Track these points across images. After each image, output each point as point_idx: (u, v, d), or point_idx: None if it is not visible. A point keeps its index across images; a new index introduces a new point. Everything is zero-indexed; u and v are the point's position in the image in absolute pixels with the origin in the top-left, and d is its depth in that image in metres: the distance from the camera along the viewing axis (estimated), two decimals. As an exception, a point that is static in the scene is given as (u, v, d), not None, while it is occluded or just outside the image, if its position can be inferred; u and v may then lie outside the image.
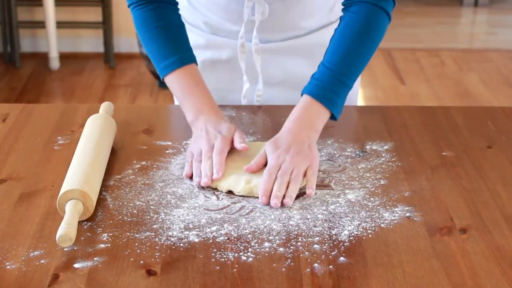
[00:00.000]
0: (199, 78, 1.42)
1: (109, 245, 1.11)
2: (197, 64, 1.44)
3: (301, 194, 1.25)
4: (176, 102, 1.72)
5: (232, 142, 1.32)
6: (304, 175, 1.25)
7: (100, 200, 1.23)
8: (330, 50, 1.36)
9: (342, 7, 1.42)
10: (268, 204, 1.21)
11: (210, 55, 1.63)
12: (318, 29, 1.59)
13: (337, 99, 1.34)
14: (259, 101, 1.62)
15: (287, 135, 1.30)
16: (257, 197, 1.23)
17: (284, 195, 1.22)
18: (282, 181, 1.23)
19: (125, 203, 1.22)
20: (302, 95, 1.35)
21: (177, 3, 1.48)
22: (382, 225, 1.17)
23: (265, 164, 1.28)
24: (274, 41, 1.59)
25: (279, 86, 1.63)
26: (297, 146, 1.27)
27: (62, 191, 1.17)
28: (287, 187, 1.23)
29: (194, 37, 1.62)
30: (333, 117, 1.35)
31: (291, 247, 1.11)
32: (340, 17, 1.40)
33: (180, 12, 1.64)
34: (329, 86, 1.33)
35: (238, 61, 1.59)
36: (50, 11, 4.28)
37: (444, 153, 1.41)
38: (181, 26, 1.47)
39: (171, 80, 1.42)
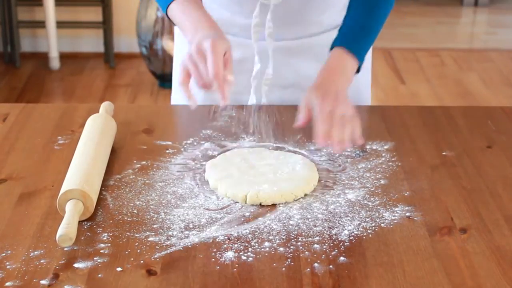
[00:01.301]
0: (199, 4, 1.41)
1: (109, 245, 1.11)
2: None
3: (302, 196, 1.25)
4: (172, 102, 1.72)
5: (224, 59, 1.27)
6: None
7: (100, 200, 1.23)
8: (354, 5, 1.47)
9: None
10: (324, 145, 1.28)
11: None
12: (332, 29, 1.58)
13: (363, 49, 1.44)
14: (266, 84, 1.60)
15: (328, 83, 1.36)
16: (263, 205, 1.23)
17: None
18: (335, 125, 1.27)
19: (125, 203, 1.22)
20: (332, 47, 1.43)
21: None
22: (382, 225, 1.17)
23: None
24: (288, 38, 1.58)
25: (291, 88, 1.62)
26: (338, 92, 1.34)
27: (62, 191, 1.17)
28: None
29: None
30: (358, 67, 1.44)
31: (291, 247, 1.11)
32: None
33: None
34: (356, 38, 1.44)
35: (250, 62, 1.58)
36: (50, 11, 4.28)
37: (444, 153, 1.41)
38: None
39: (172, 9, 1.40)
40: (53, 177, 1.30)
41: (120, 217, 1.18)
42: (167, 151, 1.40)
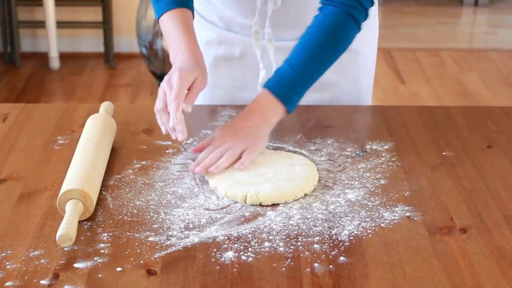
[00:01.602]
0: (187, 21, 1.43)
1: (109, 245, 1.11)
2: (193, 13, 1.45)
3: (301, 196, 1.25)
4: None
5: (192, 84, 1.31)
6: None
7: (100, 200, 1.23)
8: (297, 48, 1.40)
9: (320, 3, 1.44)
10: (192, 171, 1.30)
11: (223, 51, 1.63)
12: None
13: (294, 97, 1.38)
14: None
15: (239, 121, 1.36)
16: (262, 205, 1.23)
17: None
18: (214, 153, 1.31)
19: (125, 203, 1.22)
20: (263, 87, 1.39)
21: None
22: (382, 224, 1.17)
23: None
24: (290, 39, 1.58)
25: None
26: (244, 131, 1.34)
27: (62, 191, 1.17)
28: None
29: (208, 33, 1.64)
30: (287, 112, 1.39)
31: (291, 247, 1.11)
32: (314, 17, 1.42)
33: (196, 7, 1.65)
34: (288, 85, 1.37)
35: (250, 57, 1.60)
36: (50, 11, 4.28)
37: (444, 153, 1.41)
38: None
39: (163, 20, 1.43)
40: (53, 177, 1.30)
41: (120, 217, 1.18)
42: (167, 151, 1.40)
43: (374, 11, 1.65)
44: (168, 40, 1.43)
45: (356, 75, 1.65)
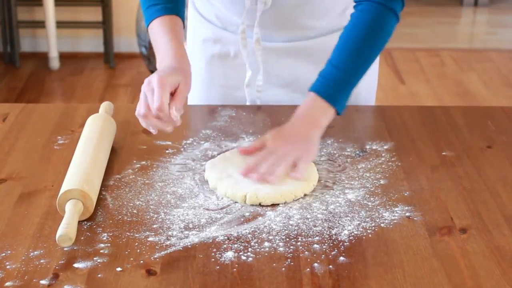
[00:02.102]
0: (176, 28, 1.43)
1: (109, 245, 1.11)
2: (183, 21, 1.45)
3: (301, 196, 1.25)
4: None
5: (173, 94, 1.29)
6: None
7: (100, 200, 1.23)
8: (338, 48, 1.38)
9: (354, 2, 1.42)
10: (245, 176, 1.26)
11: (218, 49, 1.63)
12: (327, 34, 1.58)
13: (341, 96, 1.35)
14: (259, 91, 1.61)
15: (290, 128, 1.33)
16: (262, 205, 1.23)
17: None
18: (268, 161, 1.27)
19: (125, 203, 1.22)
20: (310, 89, 1.37)
21: None
22: (382, 225, 1.17)
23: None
24: (280, 41, 1.58)
25: (284, 88, 1.63)
26: (296, 137, 1.31)
27: (62, 191, 1.17)
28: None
29: (205, 31, 1.64)
30: (337, 113, 1.37)
31: (291, 247, 1.11)
32: (350, 15, 1.41)
33: (197, 5, 1.67)
34: (334, 85, 1.35)
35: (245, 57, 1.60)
36: (50, 11, 4.28)
37: (444, 153, 1.41)
38: None
39: (152, 27, 1.43)
40: (53, 177, 1.30)
41: (120, 217, 1.18)
42: (167, 151, 1.40)
43: None
44: (155, 45, 1.42)
45: None
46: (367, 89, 1.70)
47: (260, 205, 1.22)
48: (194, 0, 1.67)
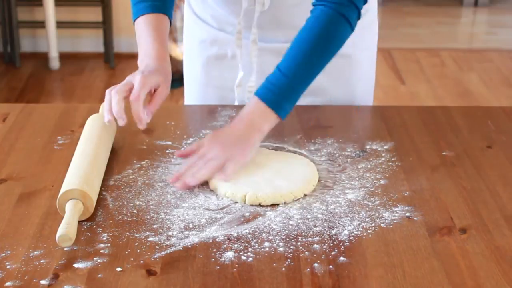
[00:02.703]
0: (161, 27, 1.43)
1: (109, 245, 1.11)
2: (170, 20, 1.45)
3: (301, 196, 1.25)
4: (187, 102, 1.73)
5: (153, 97, 1.32)
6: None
7: (100, 200, 1.23)
8: (288, 53, 1.35)
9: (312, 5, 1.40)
10: (172, 184, 1.26)
11: (215, 51, 1.63)
12: None
13: (285, 103, 1.32)
14: (250, 92, 1.61)
15: (228, 130, 1.33)
16: (262, 205, 1.23)
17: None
18: (196, 164, 1.27)
19: (125, 203, 1.22)
20: (254, 95, 1.34)
21: None
22: (382, 225, 1.17)
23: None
24: (277, 41, 1.58)
25: None
26: (232, 140, 1.30)
27: (62, 191, 1.17)
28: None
29: (201, 32, 1.64)
30: (280, 119, 1.34)
31: (291, 247, 1.11)
32: (306, 19, 1.38)
33: (193, 6, 1.66)
34: (279, 91, 1.32)
35: (241, 58, 1.59)
36: (50, 11, 4.28)
37: (444, 153, 1.41)
38: None
39: (137, 23, 1.44)
40: (53, 177, 1.30)
41: (120, 217, 1.18)
42: (167, 151, 1.40)
43: (373, 15, 1.64)
44: (138, 43, 1.43)
45: (350, 80, 1.63)
46: (365, 91, 1.69)
47: (260, 205, 1.22)
48: (190, 1, 1.67)
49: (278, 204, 1.22)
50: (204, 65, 1.65)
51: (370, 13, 1.62)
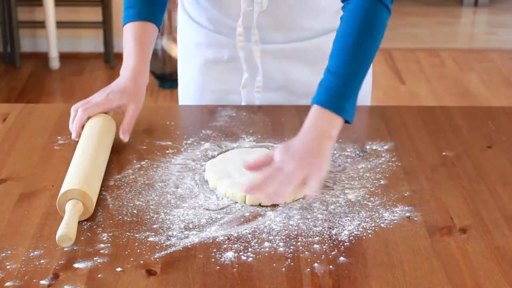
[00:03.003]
0: (146, 37, 1.45)
1: (109, 245, 1.11)
2: (158, 28, 1.47)
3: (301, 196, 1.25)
4: (182, 102, 1.73)
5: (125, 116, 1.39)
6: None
7: (100, 200, 1.23)
8: (333, 53, 1.32)
9: (342, 2, 1.38)
10: (248, 192, 1.18)
11: (211, 54, 1.62)
12: (322, 34, 1.57)
13: (346, 103, 1.28)
14: (258, 92, 1.61)
15: (298, 142, 1.24)
16: (262, 206, 1.22)
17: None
18: (276, 179, 1.17)
19: (125, 203, 1.22)
20: (312, 102, 1.30)
21: None
22: (382, 225, 1.17)
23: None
24: (277, 42, 1.58)
25: (280, 91, 1.62)
26: (305, 152, 1.22)
27: (62, 191, 1.17)
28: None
29: (197, 35, 1.63)
30: (346, 121, 1.30)
31: (291, 247, 1.11)
32: (341, 18, 1.37)
33: (187, 8, 1.65)
34: (336, 92, 1.28)
35: (239, 60, 1.59)
36: (50, 11, 4.28)
37: (444, 153, 1.41)
38: None
39: (125, 30, 1.46)
40: (53, 177, 1.30)
41: (120, 217, 1.18)
42: (167, 151, 1.40)
43: None
44: (124, 50, 1.46)
45: None
46: (364, 91, 1.68)
47: (260, 205, 1.22)
48: (184, 4, 1.65)
49: (278, 204, 1.22)
50: (201, 68, 1.65)
51: None
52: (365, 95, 1.70)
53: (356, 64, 1.31)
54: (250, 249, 1.10)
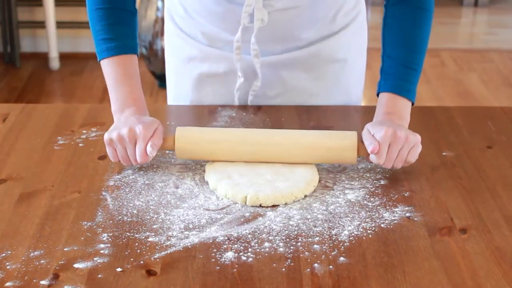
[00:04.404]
0: (133, 70, 1.40)
1: (109, 245, 1.11)
2: (138, 55, 1.43)
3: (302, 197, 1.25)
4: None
5: (153, 133, 1.30)
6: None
7: (100, 200, 1.23)
8: (389, 40, 1.41)
9: (386, 4, 1.45)
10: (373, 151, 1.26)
11: (207, 68, 1.59)
12: (319, 40, 1.56)
13: (411, 86, 1.39)
14: (253, 95, 1.59)
15: (389, 123, 1.32)
16: (262, 206, 1.22)
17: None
18: (400, 148, 1.27)
19: (125, 203, 1.22)
20: (378, 92, 1.40)
21: None
22: (382, 225, 1.17)
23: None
24: (274, 53, 1.55)
25: (278, 99, 1.60)
26: (403, 129, 1.29)
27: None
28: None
29: (190, 49, 1.59)
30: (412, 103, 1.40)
31: (291, 247, 1.11)
32: (388, 11, 1.44)
33: (177, 21, 1.60)
34: (402, 77, 1.39)
35: (234, 75, 1.56)
36: (50, 11, 4.28)
37: (444, 153, 1.41)
38: (132, 13, 1.44)
39: (105, 65, 1.40)
40: (53, 177, 1.30)
41: (120, 217, 1.18)
42: (167, 151, 1.40)
43: (363, 18, 1.63)
44: (110, 89, 1.39)
45: (346, 85, 1.62)
46: (357, 94, 1.67)
47: (260, 206, 1.22)
48: (174, 17, 1.61)
49: (278, 205, 1.22)
50: (196, 83, 1.61)
51: (361, 13, 1.61)
52: (359, 98, 1.69)
53: (414, 49, 1.43)
54: (250, 249, 1.10)
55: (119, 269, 1.05)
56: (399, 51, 1.41)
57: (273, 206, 1.22)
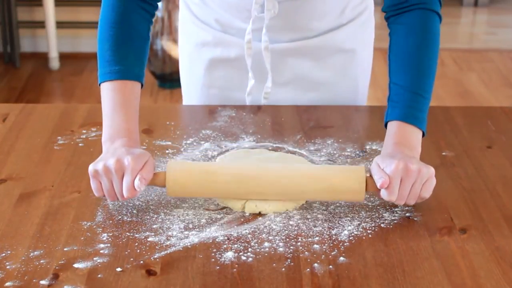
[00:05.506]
0: (133, 99, 1.30)
1: (109, 245, 1.11)
2: (142, 84, 1.33)
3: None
4: (186, 102, 1.72)
5: (142, 166, 1.19)
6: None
7: (100, 200, 1.23)
8: (395, 67, 1.33)
9: (387, 17, 1.38)
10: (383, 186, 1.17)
11: (219, 53, 1.62)
12: (327, 32, 1.58)
13: (420, 114, 1.29)
14: (266, 98, 1.61)
15: (399, 155, 1.21)
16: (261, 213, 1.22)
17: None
18: (411, 187, 1.18)
19: (125, 203, 1.22)
20: (386, 122, 1.30)
21: (153, 13, 1.41)
22: (382, 225, 1.17)
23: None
24: (282, 41, 1.58)
25: (286, 86, 1.62)
26: (414, 161, 1.20)
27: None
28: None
29: (204, 34, 1.62)
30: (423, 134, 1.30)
31: (291, 247, 1.11)
32: (391, 29, 1.37)
33: (192, 8, 1.64)
34: (410, 104, 1.29)
35: (244, 60, 1.59)
36: (50, 11, 4.28)
37: (444, 153, 1.41)
38: (144, 39, 1.36)
39: (105, 89, 1.29)
40: (53, 177, 1.30)
41: (120, 217, 1.18)
42: (167, 151, 1.40)
43: (371, 10, 1.65)
44: (105, 114, 1.29)
45: (353, 75, 1.65)
46: (364, 86, 1.69)
47: (259, 214, 1.20)
48: (189, 4, 1.65)
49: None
50: (208, 67, 1.64)
51: (368, 8, 1.63)
52: (366, 90, 1.70)
53: (422, 76, 1.31)
54: (250, 249, 1.10)
55: (119, 269, 1.05)
56: (405, 77, 1.31)
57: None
